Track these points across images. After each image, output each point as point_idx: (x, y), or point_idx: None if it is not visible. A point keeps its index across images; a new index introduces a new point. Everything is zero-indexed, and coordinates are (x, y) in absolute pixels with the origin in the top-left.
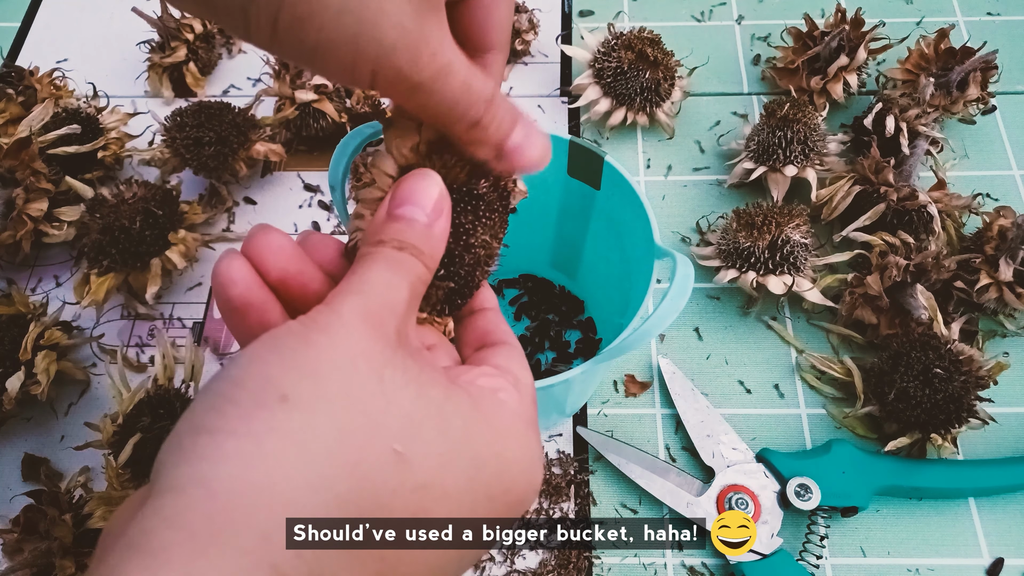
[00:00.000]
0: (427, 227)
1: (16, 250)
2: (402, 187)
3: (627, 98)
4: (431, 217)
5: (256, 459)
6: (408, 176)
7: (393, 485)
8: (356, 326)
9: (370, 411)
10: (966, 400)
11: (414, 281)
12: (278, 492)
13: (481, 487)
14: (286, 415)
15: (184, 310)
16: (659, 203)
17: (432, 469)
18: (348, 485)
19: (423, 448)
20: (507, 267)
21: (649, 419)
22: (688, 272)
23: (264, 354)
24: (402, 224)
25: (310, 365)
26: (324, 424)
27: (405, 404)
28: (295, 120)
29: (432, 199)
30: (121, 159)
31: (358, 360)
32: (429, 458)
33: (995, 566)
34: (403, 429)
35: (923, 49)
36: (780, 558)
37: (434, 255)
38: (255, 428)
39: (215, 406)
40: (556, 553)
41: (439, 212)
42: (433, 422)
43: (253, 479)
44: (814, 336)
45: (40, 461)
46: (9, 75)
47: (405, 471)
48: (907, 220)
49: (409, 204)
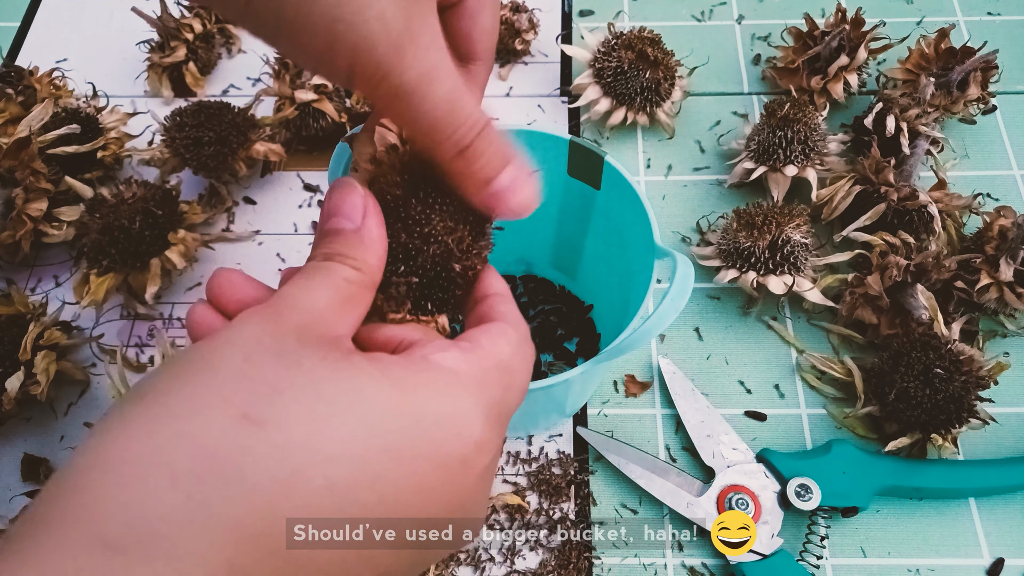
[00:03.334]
0: (356, 232)
1: (16, 250)
2: (327, 201)
3: (627, 98)
4: (358, 222)
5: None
6: (330, 188)
7: (240, 446)
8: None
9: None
10: (966, 400)
11: (338, 282)
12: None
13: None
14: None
15: (184, 310)
16: (659, 203)
17: (300, 431)
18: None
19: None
20: (507, 267)
21: (649, 419)
22: (688, 272)
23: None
24: (331, 237)
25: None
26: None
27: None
28: (295, 120)
29: (356, 206)
30: (121, 159)
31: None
32: (298, 422)
33: (995, 566)
34: (259, 398)
35: (923, 49)
36: (780, 558)
37: (367, 257)
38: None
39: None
40: (556, 553)
41: (366, 214)
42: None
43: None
44: (814, 336)
45: (40, 461)
46: (9, 75)
47: (257, 435)
48: (907, 220)
49: (335, 216)
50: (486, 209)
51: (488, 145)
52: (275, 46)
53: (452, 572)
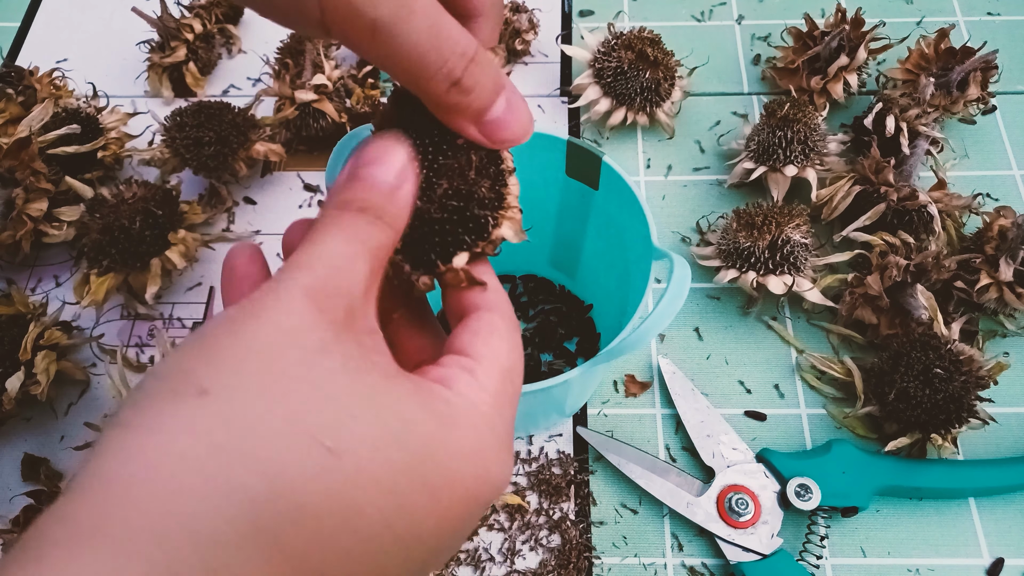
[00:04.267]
0: (393, 189)
1: (16, 250)
2: (368, 146)
3: (627, 98)
4: (398, 179)
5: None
6: (376, 135)
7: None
8: (294, 307)
9: (294, 403)
10: (966, 400)
11: (375, 250)
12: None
13: (419, 477)
14: (198, 408)
15: (184, 310)
16: (659, 203)
17: (362, 459)
18: (265, 488)
19: (353, 438)
20: (507, 267)
21: (649, 419)
22: (685, 274)
23: (189, 345)
24: (365, 184)
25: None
26: (239, 417)
27: (336, 392)
28: (295, 120)
29: (399, 160)
30: (121, 159)
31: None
32: (361, 448)
33: (995, 566)
34: (332, 419)
35: (923, 49)
36: (780, 558)
37: (397, 222)
38: (163, 422)
39: (134, 401)
40: (556, 553)
41: (405, 176)
42: (368, 408)
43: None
44: (814, 336)
45: (40, 461)
46: (9, 75)
47: (332, 467)
48: (907, 220)
49: (374, 164)
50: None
51: (481, 74)
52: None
53: (452, 572)
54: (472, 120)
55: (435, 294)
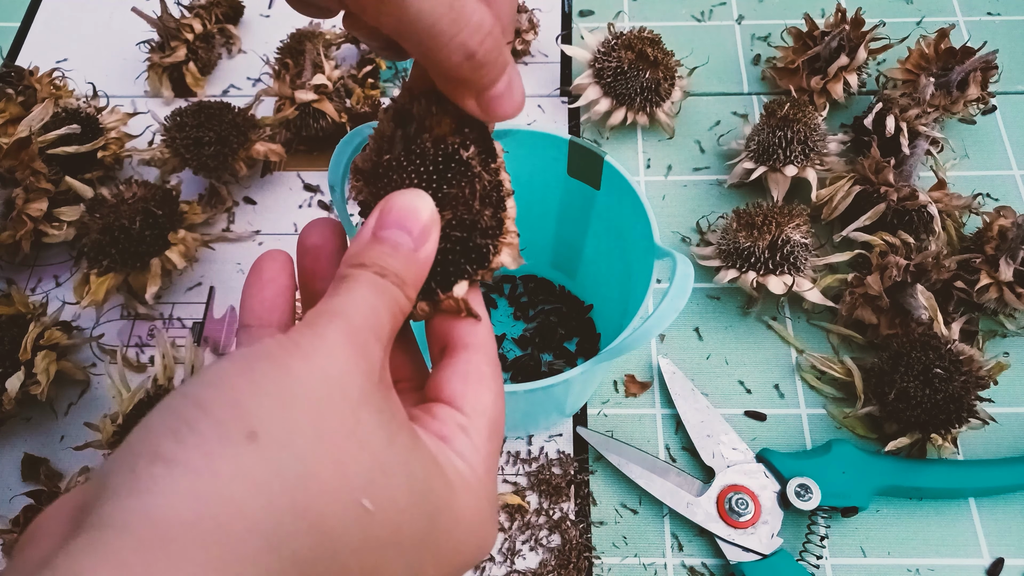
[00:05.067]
0: (412, 252)
1: (16, 250)
2: (389, 206)
3: (627, 98)
4: (418, 242)
5: (213, 501)
6: (398, 194)
7: (356, 544)
8: (339, 352)
9: (341, 458)
10: (966, 400)
11: (394, 311)
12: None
13: (432, 544)
14: (251, 455)
15: (184, 310)
16: (659, 203)
17: (394, 524)
18: (309, 542)
19: (390, 502)
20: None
21: (649, 419)
22: (688, 272)
23: (235, 376)
24: (387, 248)
25: (283, 395)
26: (291, 469)
27: (376, 451)
28: (295, 120)
29: (421, 222)
30: (121, 159)
31: (335, 394)
32: (394, 513)
33: (995, 566)
34: (373, 479)
35: (923, 49)
36: (780, 558)
37: (416, 284)
38: (216, 466)
39: (175, 431)
40: (556, 553)
41: (427, 236)
42: (401, 472)
43: (207, 524)
44: (814, 336)
45: (40, 461)
46: (9, 75)
47: (369, 527)
48: (907, 220)
49: (395, 227)
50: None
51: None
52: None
53: None
54: (475, 94)
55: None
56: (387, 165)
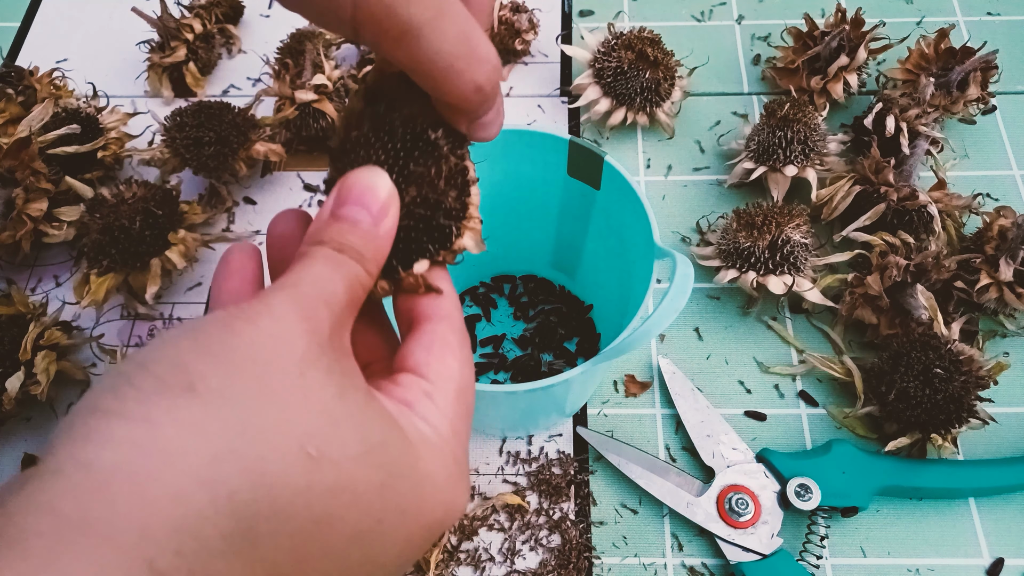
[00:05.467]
0: (371, 228)
1: (16, 250)
2: (347, 184)
3: (627, 98)
4: (376, 217)
5: (147, 446)
6: (355, 172)
7: (300, 488)
8: (286, 317)
9: (284, 406)
10: (966, 400)
11: (352, 282)
12: (165, 483)
13: (393, 497)
14: (188, 403)
15: (184, 310)
16: (659, 203)
17: (344, 473)
18: (247, 485)
19: (338, 450)
20: (507, 267)
21: (649, 419)
22: (688, 272)
23: (179, 338)
24: (345, 225)
25: (226, 353)
26: (230, 416)
27: (324, 402)
28: (295, 120)
29: (379, 199)
30: (121, 159)
31: (281, 352)
32: (343, 460)
33: (995, 566)
34: (318, 429)
35: (923, 49)
36: (780, 558)
37: (377, 258)
38: (153, 414)
39: (115, 387)
40: (556, 553)
41: (385, 212)
42: (350, 424)
43: (139, 467)
44: (814, 336)
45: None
46: (9, 75)
47: (314, 472)
48: (907, 220)
49: (352, 203)
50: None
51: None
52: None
53: (452, 572)
54: (469, 119)
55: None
56: (354, 141)
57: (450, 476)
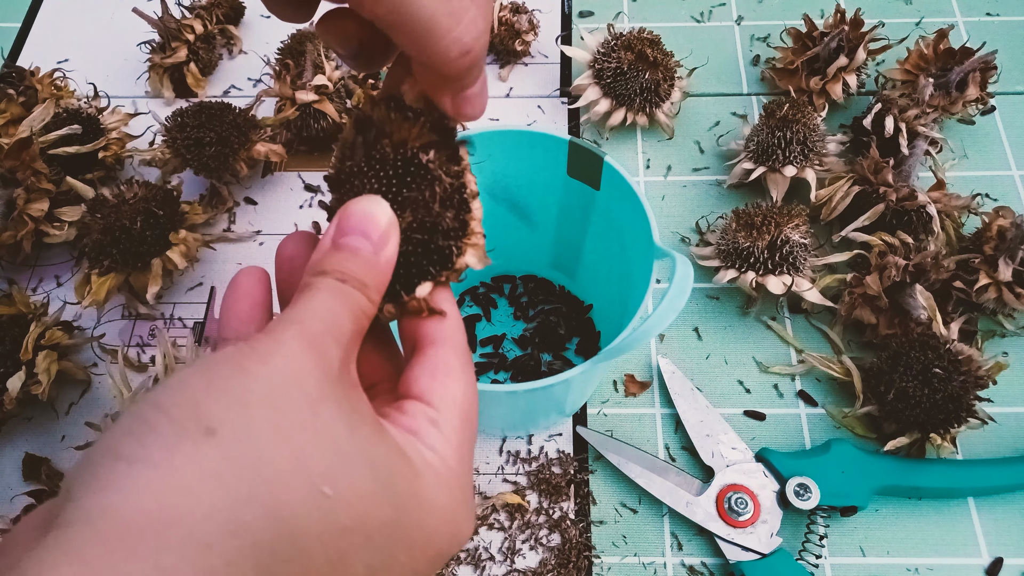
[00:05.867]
0: (372, 256)
1: (17, 250)
2: (347, 213)
3: (627, 99)
4: (377, 246)
5: (172, 493)
6: (354, 201)
7: (317, 530)
8: (295, 353)
9: (298, 447)
10: (965, 400)
11: (356, 312)
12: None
13: (402, 533)
14: (209, 449)
15: (185, 310)
16: (659, 203)
17: (357, 512)
18: (268, 529)
19: (350, 489)
20: (507, 267)
21: (649, 419)
22: (687, 272)
23: (192, 378)
24: (346, 254)
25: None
26: (248, 459)
27: (336, 441)
28: (295, 121)
29: (379, 227)
30: (122, 159)
31: (292, 391)
32: (355, 500)
33: (994, 566)
34: (331, 467)
35: (922, 49)
36: (779, 558)
37: (379, 286)
38: (175, 460)
39: (134, 431)
40: (556, 552)
41: (386, 240)
42: (362, 460)
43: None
44: (813, 336)
45: (41, 461)
46: (10, 75)
47: (330, 513)
48: (906, 220)
49: (354, 233)
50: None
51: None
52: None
53: (452, 572)
54: (454, 92)
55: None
56: (348, 171)
57: (456, 505)
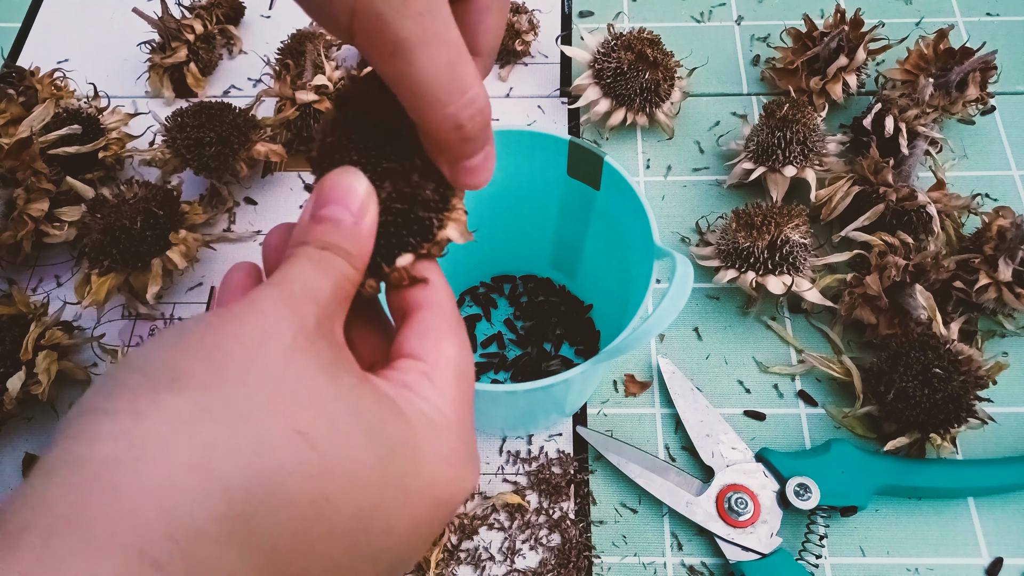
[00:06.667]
0: (353, 226)
1: (17, 250)
2: (325, 186)
3: (627, 99)
4: (357, 215)
5: (137, 440)
6: (331, 173)
7: (291, 468)
8: (271, 311)
9: (271, 392)
10: (965, 400)
11: (339, 278)
12: (153, 473)
13: (393, 475)
14: (177, 395)
15: (185, 310)
16: (659, 203)
17: (339, 453)
18: (236, 467)
19: (328, 429)
20: (507, 267)
21: (649, 419)
22: (687, 272)
23: (167, 338)
24: (327, 226)
25: (211, 348)
26: (217, 406)
27: (313, 385)
28: (295, 121)
29: (358, 197)
30: (122, 159)
31: (267, 342)
32: (335, 441)
33: (994, 566)
34: (308, 410)
35: (922, 49)
36: (779, 558)
37: (362, 254)
38: (141, 408)
39: (105, 388)
40: (556, 552)
41: (365, 209)
42: (342, 405)
43: (127, 459)
44: (814, 336)
45: None
46: (10, 75)
47: (306, 453)
48: (906, 220)
49: (332, 204)
50: (450, 178)
51: (482, 125)
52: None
53: (452, 571)
54: (451, 162)
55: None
56: (329, 147)
57: (455, 453)
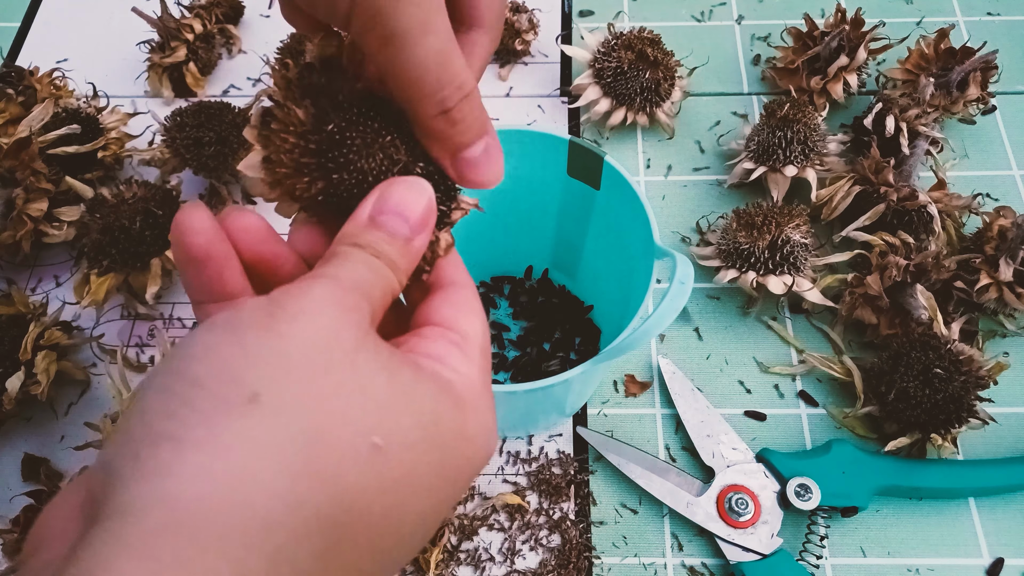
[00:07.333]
0: (407, 242)
1: (16, 250)
2: (391, 192)
3: (627, 98)
4: (414, 231)
5: (226, 474)
6: (400, 182)
7: (374, 487)
8: (327, 309)
9: (345, 407)
10: (966, 400)
11: (385, 288)
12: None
13: (447, 472)
14: (255, 422)
15: (184, 310)
16: (659, 203)
17: (407, 461)
18: (327, 497)
19: (399, 438)
20: (507, 267)
21: (649, 419)
22: (688, 272)
23: (224, 345)
24: (383, 234)
25: (278, 358)
26: (297, 426)
27: (379, 391)
28: None
29: (419, 213)
30: (121, 159)
31: (331, 347)
32: (405, 450)
33: (995, 566)
34: (380, 420)
35: (923, 49)
36: (780, 558)
37: (409, 269)
38: (222, 437)
39: (174, 412)
40: (556, 553)
41: (423, 226)
42: (406, 408)
43: (224, 498)
44: (814, 336)
45: (40, 461)
46: (9, 75)
47: (382, 467)
48: (907, 220)
49: (394, 214)
50: (454, 175)
51: (471, 111)
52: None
53: (452, 572)
54: (449, 153)
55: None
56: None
57: (487, 428)
